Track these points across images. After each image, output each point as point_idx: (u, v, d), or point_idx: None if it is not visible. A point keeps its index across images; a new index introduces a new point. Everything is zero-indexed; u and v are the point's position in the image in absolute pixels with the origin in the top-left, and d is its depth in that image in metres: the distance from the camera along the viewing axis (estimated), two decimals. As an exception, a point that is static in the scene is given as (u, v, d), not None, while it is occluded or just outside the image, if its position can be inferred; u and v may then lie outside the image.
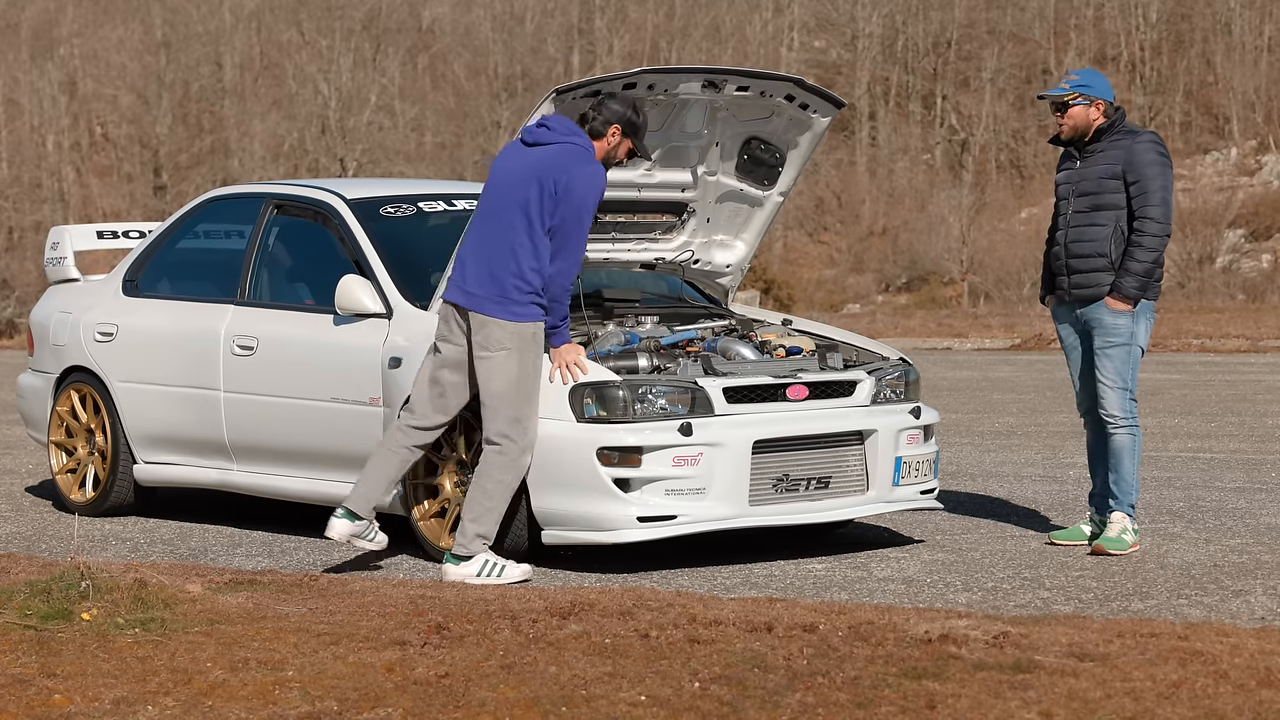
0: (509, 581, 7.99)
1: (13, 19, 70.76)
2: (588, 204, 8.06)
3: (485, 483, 8.13)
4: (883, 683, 5.61)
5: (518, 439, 8.12)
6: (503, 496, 8.15)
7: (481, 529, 8.12)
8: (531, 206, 8.07)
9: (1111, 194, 8.77)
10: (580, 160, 8.10)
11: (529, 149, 8.21)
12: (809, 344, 9.13)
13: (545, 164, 8.10)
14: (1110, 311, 8.77)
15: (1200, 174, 63.32)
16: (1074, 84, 8.84)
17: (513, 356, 8.09)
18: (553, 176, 8.05)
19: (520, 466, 8.16)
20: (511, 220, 8.11)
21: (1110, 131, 8.82)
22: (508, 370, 8.10)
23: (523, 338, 8.10)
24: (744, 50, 68.90)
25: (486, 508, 8.12)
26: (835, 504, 8.73)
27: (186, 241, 10.42)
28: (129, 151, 67.98)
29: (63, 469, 10.49)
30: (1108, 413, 8.80)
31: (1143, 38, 69.19)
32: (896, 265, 62.86)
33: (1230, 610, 7.35)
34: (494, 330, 8.10)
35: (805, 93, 9.08)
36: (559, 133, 8.19)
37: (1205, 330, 30.50)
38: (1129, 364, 8.80)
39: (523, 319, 8.10)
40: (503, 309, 8.09)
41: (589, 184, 8.07)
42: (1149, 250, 8.68)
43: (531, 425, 8.17)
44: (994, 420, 15.95)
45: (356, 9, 70.68)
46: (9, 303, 53.40)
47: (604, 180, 8.14)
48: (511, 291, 8.08)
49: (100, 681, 5.72)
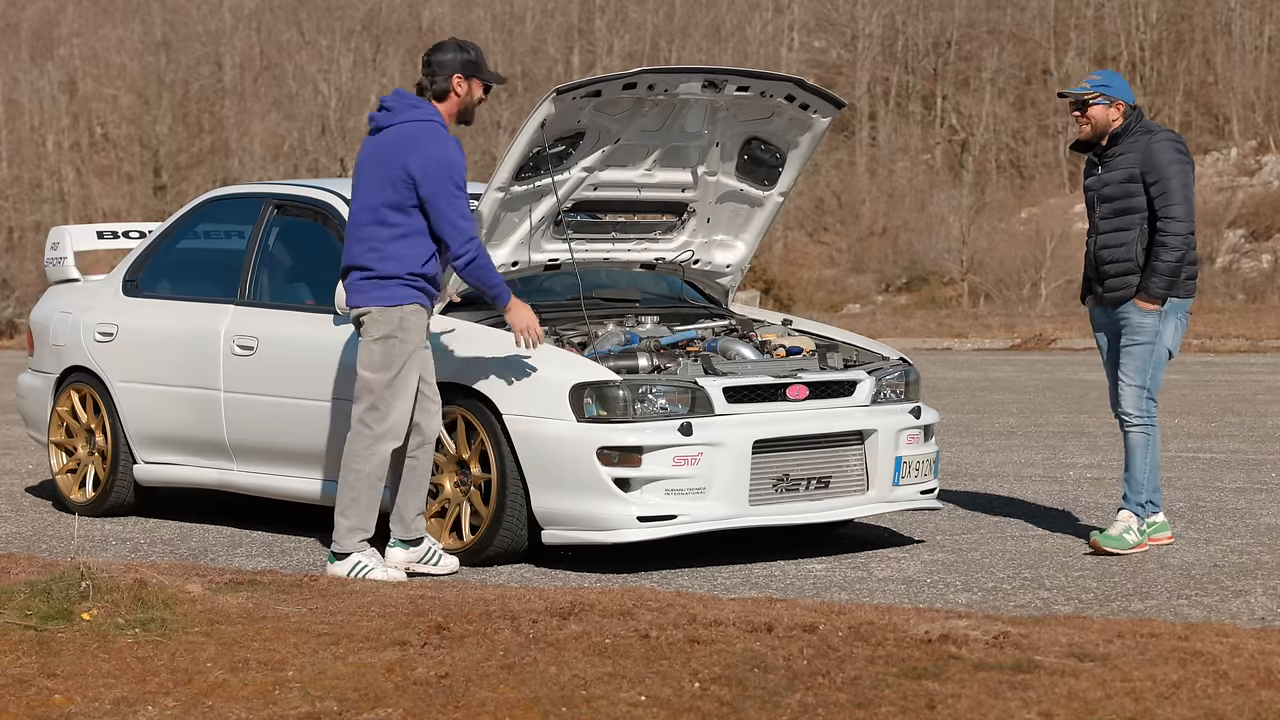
0: (386, 580, 7.84)
1: (13, 19, 70.78)
2: (448, 180, 7.86)
3: (345, 474, 8.08)
4: (883, 683, 5.61)
5: (373, 426, 8.00)
6: (366, 487, 8.02)
7: (351, 522, 8.04)
8: (380, 196, 7.91)
9: (1134, 198, 8.76)
10: (424, 138, 7.92)
11: (374, 137, 8.07)
12: (809, 344, 9.13)
13: (388, 150, 7.95)
14: (1139, 310, 8.79)
15: (1200, 174, 63.27)
16: (1095, 84, 8.84)
17: (379, 343, 7.97)
18: (400, 163, 7.90)
19: (378, 455, 8.02)
20: (368, 213, 7.98)
21: (1127, 134, 8.81)
22: (372, 356, 7.99)
23: (389, 323, 7.96)
24: (744, 50, 68.90)
25: (350, 499, 8.04)
26: (835, 504, 8.73)
27: (186, 241, 10.42)
28: (129, 151, 68.00)
29: (63, 469, 10.50)
30: (1123, 410, 8.82)
31: (1143, 38, 69.20)
32: (896, 265, 62.86)
33: (1230, 610, 7.35)
34: (363, 319, 8.02)
35: (805, 93, 9.08)
36: (398, 112, 8.04)
37: (1205, 330, 30.51)
38: (1150, 363, 8.79)
39: (387, 303, 7.96)
40: (366, 296, 7.99)
41: (435, 160, 7.88)
42: (1173, 250, 8.68)
43: (394, 412, 8.01)
44: (994, 420, 15.95)
45: (356, 9, 70.71)
46: (9, 303, 53.39)
47: (453, 150, 7.91)
48: (373, 280, 7.96)
49: (100, 681, 5.72)
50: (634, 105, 8.77)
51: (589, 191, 9.04)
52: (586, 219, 9.32)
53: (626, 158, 9.02)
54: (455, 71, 8.08)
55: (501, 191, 8.70)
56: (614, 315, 9.24)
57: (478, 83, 8.13)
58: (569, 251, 9.12)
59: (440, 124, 8.03)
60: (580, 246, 9.21)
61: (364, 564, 8.04)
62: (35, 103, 67.40)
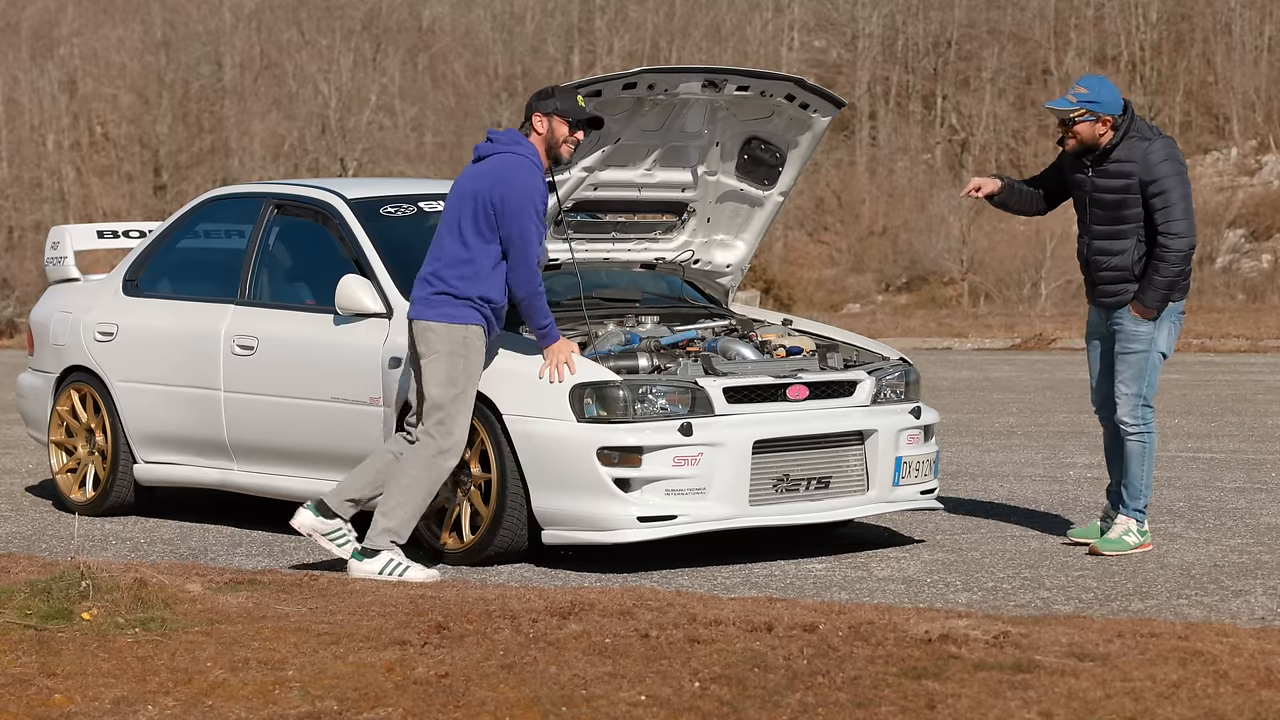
0: (412, 581, 7.86)
1: (13, 19, 70.75)
2: (526, 210, 8.12)
3: (401, 477, 8.15)
4: (883, 683, 5.61)
5: (439, 439, 8.13)
6: (418, 495, 8.12)
7: (391, 524, 8.10)
8: (466, 219, 8.17)
9: (1130, 208, 8.62)
10: (514, 170, 8.18)
11: (476, 164, 8.33)
12: (809, 344, 9.13)
13: (482, 177, 8.21)
14: (1133, 318, 8.72)
15: (1200, 174, 63.27)
16: (1081, 98, 8.59)
17: (442, 360, 8.14)
18: (487, 189, 8.16)
19: (438, 468, 8.15)
20: (451, 233, 8.22)
21: (1123, 141, 8.62)
22: (437, 372, 8.14)
23: (453, 340, 8.14)
24: (744, 50, 68.88)
25: (399, 503, 8.11)
26: (835, 504, 8.73)
27: (187, 241, 10.42)
28: (129, 151, 67.98)
29: (63, 469, 10.49)
30: (1120, 419, 8.77)
31: (1143, 38, 69.18)
32: (896, 265, 62.83)
33: (1230, 610, 7.35)
34: (426, 333, 8.19)
35: (805, 92, 9.08)
36: (500, 144, 8.29)
37: (1205, 330, 30.49)
38: (1145, 370, 8.73)
39: (452, 320, 8.15)
40: (434, 310, 8.18)
41: (521, 192, 8.12)
42: (1172, 265, 8.58)
43: (457, 429, 8.16)
44: (994, 420, 15.95)
45: (356, 9, 70.68)
46: (9, 303, 53.39)
47: (537, 182, 8.17)
48: (443, 295, 8.16)
49: (100, 681, 5.72)
50: (634, 105, 8.77)
51: (589, 191, 9.05)
52: (586, 219, 9.33)
53: (626, 157, 9.02)
54: (539, 113, 8.33)
55: (502, 191, 8.70)
56: (614, 315, 9.24)
57: (560, 120, 8.31)
58: (569, 251, 9.12)
59: (534, 160, 8.25)
60: (580, 246, 9.21)
61: (398, 563, 8.06)
62: (35, 102, 67.36)
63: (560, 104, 8.29)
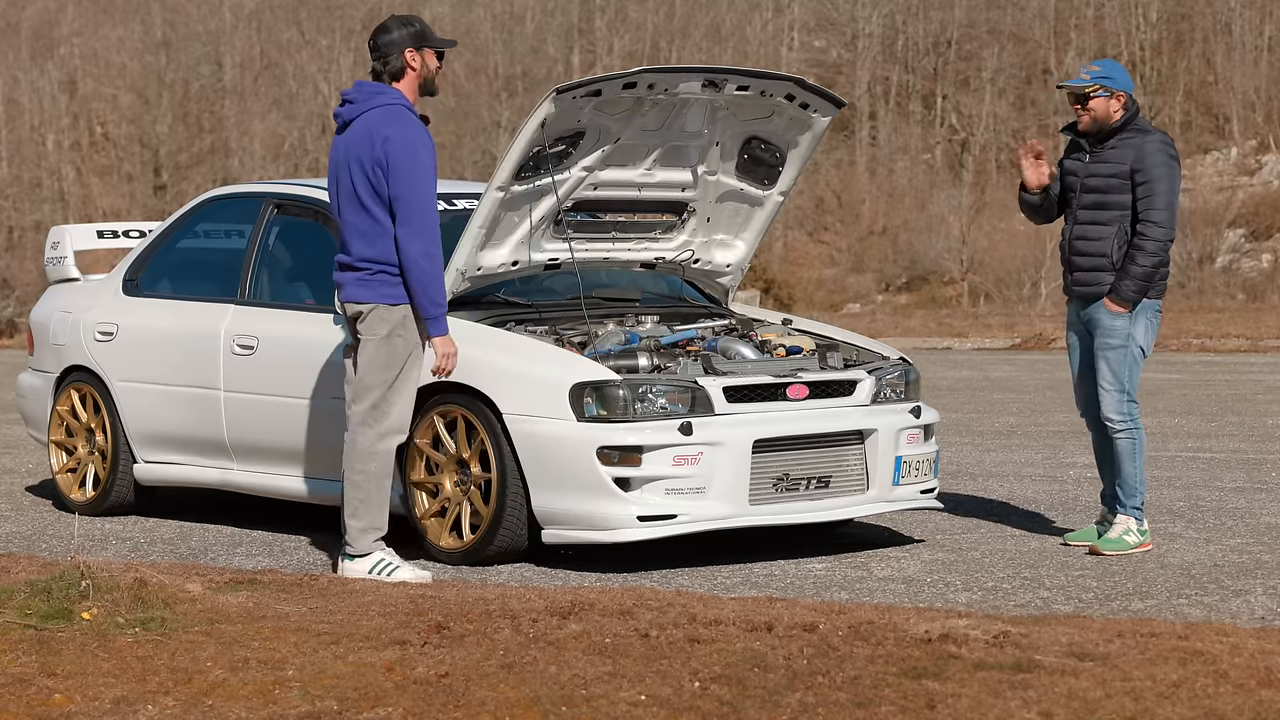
0: (400, 581, 7.77)
1: (13, 19, 70.76)
2: (414, 164, 7.79)
3: (350, 475, 8.02)
4: (883, 682, 5.61)
5: (375, 424, 7.97)
6: (374, 486, 7.98)
7: (362, 523, 7.98)
8: (362, 190, 7.85)
9: (1118, 194, 8.70)
10: (389, 122, 7.82)
11: (343, 135, 7.98)
12: (809, 343, 9.13)
13: (358, 141, 7.86)
14: (1108, 313, 8.74)
15: (1200, 174, 63.28)
16: (1095, 75, 8.72)
17: (382, 342, 7.92)
18: (368, 152, 7.81)
19: (383, 451, 7.98)
20: (355, 211, 7.89)
21: (1123, 130, 8.73)
22: (375, 355, 7.94)
23: (392, 321, 7.91)
24: (744, 50, 68.89)
25: (359, 500, 7.99)
26: (835, 504, 8.73)
27: (186, 241, 10.42)
28: (129, 151, 67.98)
29: (63, 468, 10.49)
30: (1105, 416, 8.78)
31: (1143, 38, 69.18)
32: (896, 265, 62.82)
33: (1230, 610, 7.35)
34: (364, 315, 7.94)
35: (805, 92, 9.08)
36: (361, 102, 7.95)
37: (1205, 330, 30.49)
38: (1125, 366, 8.75)
39: (393, 301, 7.90)
40: (372, 292, 7.92)
41: (405, 144, 7.79)
42: (1150, 255, 8.63)
43: (394, 410, 7.98)
44: (994, 420, 15.95)
45: (356, 9, 70.67)
46: (9, 302, 53.37)
47: (418, 130, 7.85)
48: (381, 275, 7.90)
49: (100, 681, 5.72)
50: (634, 105, 8.77)
51: (589, 191, 9.04)
52: (586, 218, 9.32)
53: (626, 157, 9.02)
54: (405, 47, 8.00)
55: (502, 191, 8.71)
56: (614, 315, 9.24)
57: (430, 52, 8.05)
58: (569, 251, 9.12)
59: (406, 106, 7.95)
60: (580, 246, 9.21)
61: (387, 562, 7.99)
62: (35, 102, 67.37)
63: (426, 34, 7.98)
